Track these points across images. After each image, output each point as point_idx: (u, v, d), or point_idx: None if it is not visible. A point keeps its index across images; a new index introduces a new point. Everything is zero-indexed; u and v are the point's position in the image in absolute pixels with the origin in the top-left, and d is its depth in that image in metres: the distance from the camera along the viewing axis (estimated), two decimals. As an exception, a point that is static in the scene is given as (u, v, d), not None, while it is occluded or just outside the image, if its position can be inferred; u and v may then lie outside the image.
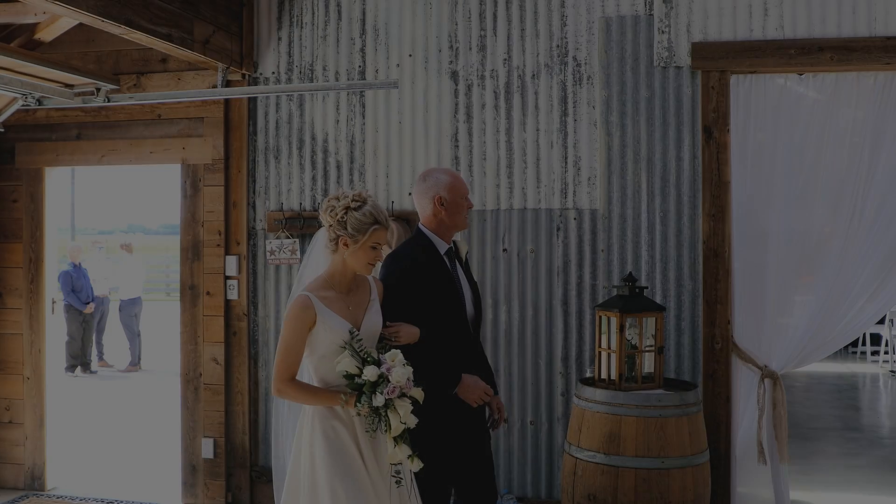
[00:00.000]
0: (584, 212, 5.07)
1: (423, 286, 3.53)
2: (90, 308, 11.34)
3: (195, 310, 5.62)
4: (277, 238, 5.44)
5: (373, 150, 5.37)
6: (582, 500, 4.10)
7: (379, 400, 3.02)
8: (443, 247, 3.66)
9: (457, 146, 5.24)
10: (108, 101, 5.21)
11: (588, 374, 4.80)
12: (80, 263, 11.36)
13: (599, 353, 4.37)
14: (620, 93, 5.03)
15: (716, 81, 4.90)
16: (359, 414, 3.10)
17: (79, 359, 11.53)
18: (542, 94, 5.13)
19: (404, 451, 3.08)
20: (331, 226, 3.24)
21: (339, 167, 5.43)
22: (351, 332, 3.15)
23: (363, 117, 5.39)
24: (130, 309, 11.95)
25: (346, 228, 3.21)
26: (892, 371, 11.22)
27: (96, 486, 6.06)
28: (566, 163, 5.10)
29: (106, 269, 12.36)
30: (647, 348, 4.32)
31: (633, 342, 4.29)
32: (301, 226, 5.40)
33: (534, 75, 5.14)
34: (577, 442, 4.18)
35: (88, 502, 5.62)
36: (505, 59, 5.18)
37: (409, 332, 3.37)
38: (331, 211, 3.24)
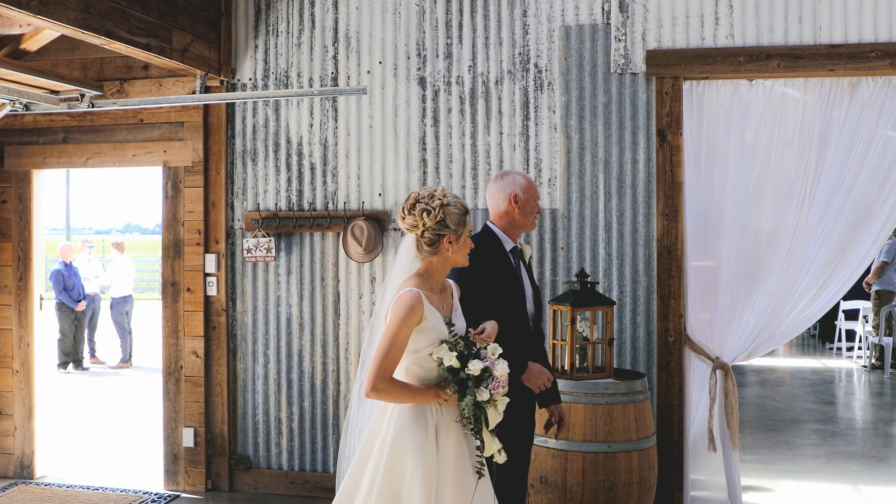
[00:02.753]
0: (545, 211, 5.32)
1: (486, 275, 3.63)
2: (82, 306, 11.56)
3: (176, 305, 5.87)
4: (254, 237, 5.69)
5: (345, 152, 5.62)
6: (535, 483, 4.36)
7: (484, 395, 2.96)
8: (508, 244, 3.83)
9: (424, 149, 5.50)
10: (93, 107, 5.42)
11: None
12: (71, 262, 11.59)
13: (553, 344, 4.63)
14: (579, 98, 5.28)
15: (669, 87, 5.15)
16: (467, 408, 3.01)
17: (71, 356, 11.75)
18: (505, 100, 5.38)
19: (496, 443, 3.04)
20: (428, 228, 3.08)
21: (312, 169, 5.68)
22: (447, 325, 3.09)
23: (336, 121, 5.64)
24: (121, 307, 12.17)
25: (448, 226, 3.09)
26: (864, 366, 11.50)
27: (83, 474, 6.31)
28: (528, 165, 5.35)
29: (95, 268, 12.57)
30: (598, 340, 4.57)
31: (585, 334, 4.54)
32: (276, 225, 5.65)
33: (497, 81, 5.40)
34: (531, 428, 4.43)
35: (75, 489, 5.87)
36: (470, 66, 5.43)
37: (494, 330, 3.31)
38: (427, 214, 3.07)
